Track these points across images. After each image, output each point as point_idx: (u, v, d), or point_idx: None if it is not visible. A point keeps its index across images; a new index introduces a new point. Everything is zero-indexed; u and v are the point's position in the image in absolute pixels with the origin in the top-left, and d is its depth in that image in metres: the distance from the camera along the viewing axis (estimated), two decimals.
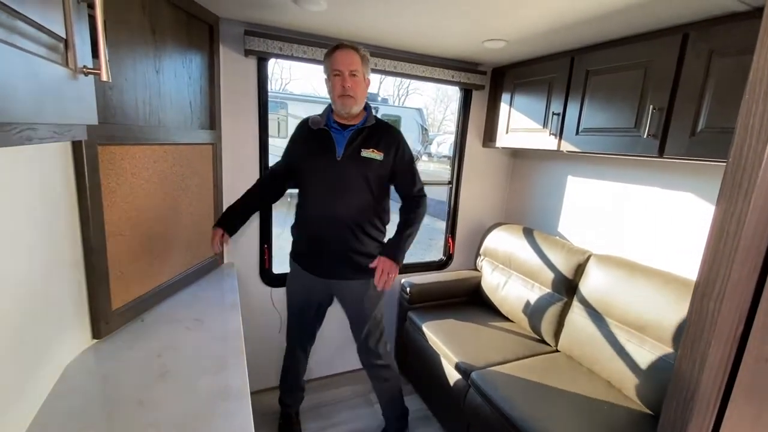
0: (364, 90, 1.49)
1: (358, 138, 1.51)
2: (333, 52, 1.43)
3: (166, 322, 1.30)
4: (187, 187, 1.53)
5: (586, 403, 1.50)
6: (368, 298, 1.61)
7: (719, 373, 0.52)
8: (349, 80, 1.42)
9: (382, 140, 1.53)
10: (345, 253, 1.54)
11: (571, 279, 1.88)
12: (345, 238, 1.53)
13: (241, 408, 0.92)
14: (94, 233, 1.09)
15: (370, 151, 1.51)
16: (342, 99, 1.45)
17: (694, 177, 1.59)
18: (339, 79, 1.43)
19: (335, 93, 1.45)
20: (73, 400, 0.92)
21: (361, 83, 1.46)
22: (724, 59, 1.21)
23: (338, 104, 1.47)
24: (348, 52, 1.42)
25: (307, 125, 1.57)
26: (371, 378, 1.77)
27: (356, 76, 1.43)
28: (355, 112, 1.50)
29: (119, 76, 1.13)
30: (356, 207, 1.52)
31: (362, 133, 1.52)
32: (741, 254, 0.48)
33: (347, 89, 1.42)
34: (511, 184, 2.59)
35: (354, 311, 1.66)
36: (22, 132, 0.43)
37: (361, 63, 1.44)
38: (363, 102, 1.51)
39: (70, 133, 0.56)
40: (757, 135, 0.47)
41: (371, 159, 1.50)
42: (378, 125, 1.56)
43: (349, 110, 1.47)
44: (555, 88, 1.82)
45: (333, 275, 1.59)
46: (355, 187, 1.50)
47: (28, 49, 0.42)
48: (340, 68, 1.41)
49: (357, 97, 1.45)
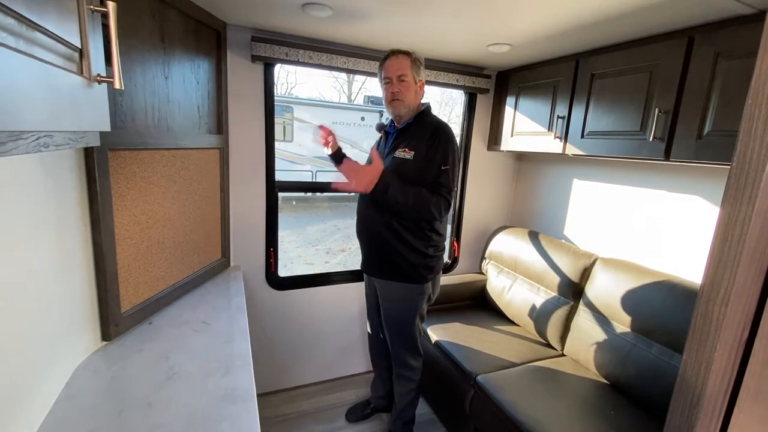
0: (415, 93, 1.52)
1: (399, 138, 1.55)
2: (385, 61, 1.51)
3: (174, 324, 1.32)
4: (195, 191, 1.55)
5: (593, 407, 1.49)
6: (402, 301, 1.61)
7: (725, 377, 0.52)
8: (397, 86, 1.48)
9: (416, 139, 1.49)
10: (380, 253, 1.58)
11: (577, 283, 1.87)
12: (381, 239, 1.55)
13: (248, 410, 0.93)
14: (105, 237, 1.11)
15: (402, 151, 1.51)
16: (392, 104, 1.51)
17: (701, 180, 1.58)
18: (389, 86, 1.50)
19: (386, 99, 1.53)
20: (83, 401, 0.94)
21: (411, 86, 1.49)
22: (730, 62, 1.21)
23: (389, 109, 1.55)
24: (398, 58, 1.48)
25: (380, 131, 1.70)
26: (395, 378, 1.79)
27: (405, 81, 1.47)
28: (406, 114, 1.54)
29: (129, 83, 1.16)
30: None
31: (404, 132, 1.55)
32: (746, 258, 0.48)
33: (395, 94, 1.48)
34: (516, 188, 2.59)
35: (387, 312, 1.67)
36: (40, 139, 0.44)
37: (411, 67, 1.48)
38: (414, 104, 1.54)
39: (84, 140, 0.57)
40: (760, 139, 0.47)
41: (403, 159, 1.50)
42: (421, 123, 1.52)
43: (398, 113, 1.53)
44: (560, 91, 1.82)
45: (372, 273, 1.67)
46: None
47: (46, 60, 0.43)
48: (389, 75, 1.48)
49: (405, 100, 1.49)
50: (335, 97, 15.35)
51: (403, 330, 1.66)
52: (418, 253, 1.54)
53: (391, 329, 1.69)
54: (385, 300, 1.66)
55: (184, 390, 0.99)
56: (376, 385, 2.03)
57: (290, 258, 5.75)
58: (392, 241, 1.53)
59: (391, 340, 1.71)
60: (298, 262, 5.69)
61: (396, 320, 1.66)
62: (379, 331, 1.84)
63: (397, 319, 1.66)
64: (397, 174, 1.47)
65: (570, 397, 1.55)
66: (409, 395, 1.78)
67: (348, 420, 2.01)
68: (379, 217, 1.53)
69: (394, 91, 1.48)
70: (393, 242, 1.53)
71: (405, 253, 1.53)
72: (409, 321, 1.64)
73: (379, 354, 1.91)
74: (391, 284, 1.60)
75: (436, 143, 1.46)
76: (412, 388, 1.77)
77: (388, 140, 1.61)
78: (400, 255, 1.53)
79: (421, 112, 1.57)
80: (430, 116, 1.57)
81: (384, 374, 1.94)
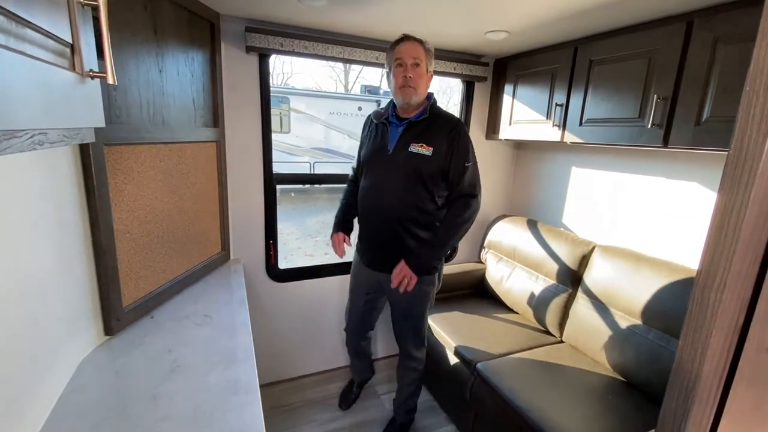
0: (427, 82, 1.48)
1: (411, 131, 1.49)
2: (397, 44, 1.44)
3: (176, 318, 1.33)
4: (192, 184, 1.54)
5: (591, 393, 1.52)
6: (416, 294, 1.57)
7: (720, 362, 0.53)
8: (411, 70, 1.41)
9: (434, 135, 1.47)
10: (393, 250, 1.54)
11: (575, 270, 1.88)
12: (391, 233, 1.52)
13: (251, 401, 0.95)
14: (104, 232, 1.11)
15: (418, 146, 1.46)
16: (402, 90, 1.43)
17: (700, 166, 1.58)
18: (401, 69, 1.42)
19: (396, 84, 1.44)
20: (87, 395, 0.95)
21: (424, 75, 1.44)
22: (728, 47, 1.20)
23: (399, 96, 1.46)
24: (412, 43, 1.42)
25: (371, 119, 1.63)
26: (400, 368, 1.81)
27: (419, 67, 1.42)
28: (415, 103, 1.47)
29: (123, 77, 1.15)
30: (404, 203, 1.48)
31: (416, 126, 1.49)
32: (742, 246, 0.48)
33: (409, 80, 1.41)
34: (514, 176, 2.58)
35: (400, 305, 1.66)
36: (34, 137, 0.44)
37: (425, 55, 1.44)
38: (424, 94, 1.49)
39: (79, 136, 0.57)
40: (757, 127, 0.47)
41: (419, 154, 1.46)
42: (435, 118, 1.50)
43: (408, 101, 1.45)
44: (558, 78, 1.81)
45: (379, 268, 1.63)
46: (405, 184, 1.47)
47: (37, 56, 0.43)
48: (402, 57, 1.41)
49: (418, 88, 1.43)
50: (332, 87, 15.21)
51: (415, 322, 1.67)
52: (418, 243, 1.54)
53: (403, 323, 1.69)
54: (397, 295, 1.57)
55: (188, 383, 1.00)
56: (355, 367, 2.06)
57: (290, 250, 5.76)
58: (407, 239, 1.52)
59: (402, 334, 1.72)
60: (298, 253, 5.71)
61: (410, 313, 1.66)
62: (363, 326, 1.87)
63: (410, 311, 1.65)
64: (413, 169, 1.45)
65: (569, 383, 1.57)
66: (413, 384, 1.81)
67: (342, 408, 2.04)
68: (393, 216, 1.51)
69: (408, 75, 1.40)
70: (408, 240, 1.52)
71: (417, 248, 1.52)
72: (422, 312, 1.66)
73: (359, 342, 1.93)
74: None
75: (457, 140, 1.46)
76: (416, 377, 1.80)
77: (392, 131, 1.52)
78: (410, 247, 1.53)
79: (432, 104, 1.52)
80: (441, 110, 1.54)
81: (360, 350, 1.96)
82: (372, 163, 1.58)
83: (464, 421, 1.81)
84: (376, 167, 1.56)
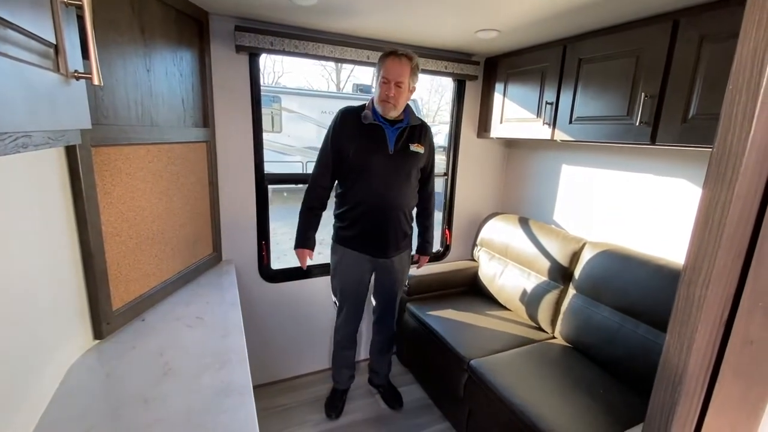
0: (406, 98, 1.65)
1: (405, 134, 1.70)
2: (386, 58, 1.56)
3: (167, 320, 1.31)
4: (182, 185, 1.53)
5: (583, 387, 1.54)
6: (408, 265, 1.93)
7: (706, 356, 0.54)
8: (393, 90, 1.57)
9: (422, 136, 1.75)
10: (397, 235, 1.76)
11: (566, 267, 1.90)
12: (396, 223, 1.74)
13: (245, 403, 0.94)
14: (92, 235, 1.09)
15: (416, 146, 1.72)
16: (383, 104, 1.61)
17: (687, 163, 1.60)
18: (386, 86, 1.58)
19: (379, 96, 1.61)
20: (78, 400, 0.94)
21: (404, 93, 1.61)
22: (714, 45, 1.22)
23: (379, 106, 1.64)
24: (400, 62, 1.55)
25: (354, 118, 1.66)
26: (379, 333, 2.04)
27: (400, 87, 1.58)
28: (393, 117, 1.67)
29: (110, 77, 1.13)
30: (406, 195, 1.74)
31: (408, 130, 1.71)
32: (726, 241, 0.49)
33: (389, 98, 1.58)
34: (506, 174, 2.60)
35: (397, 281, 1.89)
36: (18, 140, 0.43)
37: (410, 74, 1.58)
38: (403, 106, 1.68)
39: (65, 138, 0.56)
40: (740, 125, 0.48)
41: (417, 153, 1.72)
42: (414, 120, 1.74)
43: (386, 114, 1.64)
44: (548, 77, 1.82)
45: (384, 254, 1.78)
46: (404, 178, 1.71)
47: (20, 58, 0.42)
48: (388, 77, 1.56)
49: (397, 105, 1.62)
50: (324, 86, 15.13)
51: (399, 294, 1.96)
52: (410, 226, 1.87)
53: (394, 298, 1.93)
54: (397, 272, 1.86)
55: (180, 385, 1.00)
56: (342, 376, 2.04)
57: (283, 250, 5.72)
58: (404, 223, 1.79)
59: (390, 311, 1.97)
60: (291, 254, 5.66)
61: (401, 285, 1.94)
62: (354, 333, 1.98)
63: (399, 288, 1.93)
64: (412, 165, 1.73)
65: (561, 378, 1.59)
66: (391, 349, 2.12)
67: (332, 418, 1.98)
68: (397, 207, 1.73)
69: (390, 94, 1.57)
70: (405, 225, 1.80)
71: (408, 229, 1.84)
72: (404, 283, 2.01)
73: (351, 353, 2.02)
74: (403, 255, 1.86)
75: (431, 137, 1.82)
76: (392, 342, 2.09)
77: (388, 133, 1.67)
78: (407, 231, 1.83)
79: (412, 112, 1.74)
80: (416, 115, 1.77)
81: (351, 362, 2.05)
82: (372, 163, 1.65)
83: (458, 418, 1.82)
84: (378, 166, 1.66)
